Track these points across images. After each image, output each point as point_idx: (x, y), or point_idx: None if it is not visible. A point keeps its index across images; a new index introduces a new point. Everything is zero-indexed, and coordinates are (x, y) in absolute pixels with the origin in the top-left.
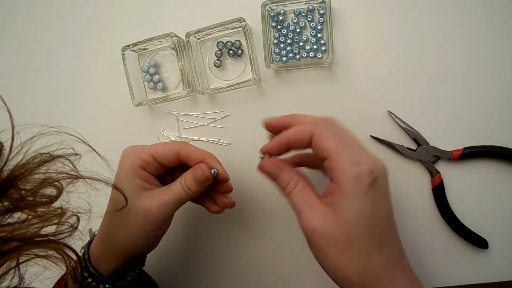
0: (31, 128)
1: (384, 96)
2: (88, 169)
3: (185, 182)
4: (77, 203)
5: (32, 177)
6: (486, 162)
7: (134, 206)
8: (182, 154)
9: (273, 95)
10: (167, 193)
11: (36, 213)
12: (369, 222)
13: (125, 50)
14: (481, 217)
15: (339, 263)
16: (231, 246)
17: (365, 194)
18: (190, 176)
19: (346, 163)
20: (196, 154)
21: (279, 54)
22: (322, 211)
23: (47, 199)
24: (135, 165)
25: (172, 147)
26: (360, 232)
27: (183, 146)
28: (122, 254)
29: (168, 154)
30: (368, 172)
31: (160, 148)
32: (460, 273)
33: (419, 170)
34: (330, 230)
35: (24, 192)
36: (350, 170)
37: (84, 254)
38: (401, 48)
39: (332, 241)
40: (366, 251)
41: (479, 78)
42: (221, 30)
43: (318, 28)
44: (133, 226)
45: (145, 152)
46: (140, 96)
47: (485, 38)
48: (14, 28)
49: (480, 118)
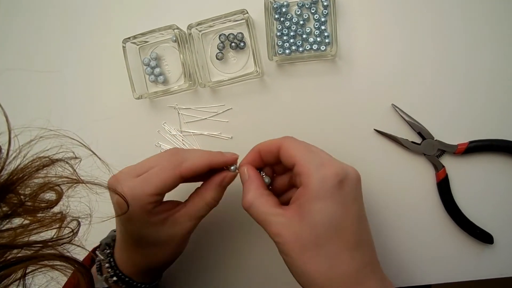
0: (29, 131)
1: (388, 89)
2: (89, 173)
3: (211, 198)
4: (77, 207)
5: (31, 182)
6: (492, 156)
7: (163, 237)
8: (186, 175)
9: (275, 88)
10: (193, 214)
11: (35, 218)
12: (337, 225)
13: (126, 43)
14: (486, 211)
15: (306, 266)
16: (231, 243)
17: (331, 197)
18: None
19: (312, 166)
20: (202, 168)
21: (282, 47)
22: (287, 217)
23: (47, 203)
24: (146, 210)
25: (171, 175)
26: (327, 234)
27: (182, 167)
28: (157, 271)
29: (171, 184)
30: (334, 174)
31: (159, 182)
32: (464, 269)
33: (424, 164)
34: (296, 233)
35: (23, 197)
36: (316, 172)
37: (118, 274)
38: (406, 40)
39: (299, 244)
40: (333, 254)
41: (484, 71)
42: (223, 22)
43: (322, 20)
44: (172, 249)
45: (150, 195)
46: (141, 89)
47: (491, 31)
48: (12, 27)
49: (486, 111)
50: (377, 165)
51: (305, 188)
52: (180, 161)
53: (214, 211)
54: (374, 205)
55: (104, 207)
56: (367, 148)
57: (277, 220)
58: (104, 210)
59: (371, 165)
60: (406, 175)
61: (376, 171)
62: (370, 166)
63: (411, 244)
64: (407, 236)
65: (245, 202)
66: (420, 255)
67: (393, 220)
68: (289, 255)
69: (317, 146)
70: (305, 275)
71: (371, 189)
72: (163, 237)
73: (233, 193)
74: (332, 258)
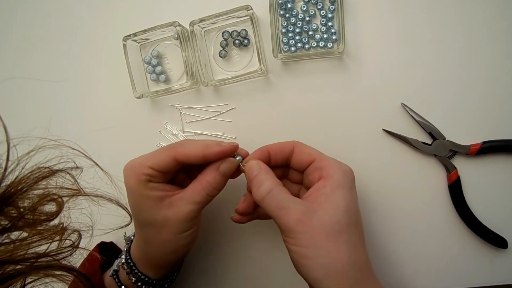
0: (28, 141)
1: (398, 88)
2: (90, 183)
3: (208, 183)
4: (78, 219)
5: (31, 193)
6: (506, 157)
7: (159, 217)
8: (181, 160)
9: (280, 87)
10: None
11: (35, 231)
12: (355, 214)
13: (127, 40)
14: (500, 215)
15: (331, 255)
16: (235, 241)
17: (352, 188)
18: (212, 174)
19: (331, 161)
20: (196, 155)
21: (287, 44)
22: (307, 205)
23: (47, 216)
24: (142, 181)
25: (166, 155)
26: (349, 221)
27: (177, 150)
28: (168, 261)
29: (166, 163)
30: (350, 170)
31: (155, 158)
32: (477, 274)
33: (435, 165)
34: (321, 220)
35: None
36: (338, 166)
37: (128, 261)
38: (416, 37)
39: (324, 231)
40: (354, 242)
41: (498, 69)
42: (226, 18)
43: (329, 17)
44: (168, 234)
45: (145, 167)
46: (142, 88)
47: (506, 27)
48: (12, 26)
49: (499, 111)
50: (386, 167)
51: (328, 179)
52: (177, 146)
53: (217, 213)
54: (382, 208)
55: (106, 218)
56: (376, 148)
57: (298, 207)
58: (106, 222)
59: (379, 166)
60: (416, 177)
61: (385, 172)
62: (378, 167)
63: (422, 248)
64: (417, 240)
65: (262, 191)
66: (431, 260)
67: (403, 224)
68: (311, 244)
69: (324, 146)
70: (328, 265)
71: (380, 191)
72: (158, 217)
73: (237, 189)
74: (353, 246)
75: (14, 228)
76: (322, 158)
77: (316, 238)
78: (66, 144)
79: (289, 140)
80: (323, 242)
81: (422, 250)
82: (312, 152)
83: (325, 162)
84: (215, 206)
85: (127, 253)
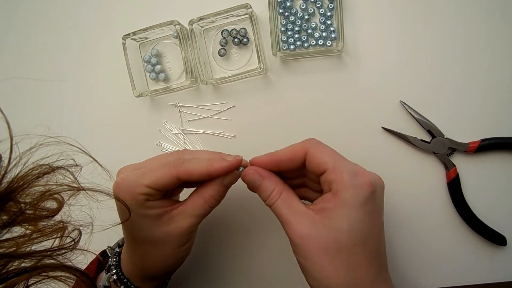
0: (30, 138)
1: (397, 86)
2: (90, 180)
3: (211, 196)
4: (78, 216)
5: (32, 190)
6: (504, 155)
7: (160, 234)
8: (184, 178)
9: (280, 85)
10: (191, 212)
11: (36, 228)
12: (362, 234)
13: (126, 39)
14: (499, 212)
15: (325, 271)
16: (237, 242)
17: (363, 206)
18: (215, 188)
19: (345, 174)
20: (200, 173)
21: (286, 42)
22: (310, 218)
23: (48, 212)
24: (139, 201)
25: (167, 173)
26: (351, 242)
27: (180, 169)
28: (166, 274)
29: (166, 182)
30: (368, 183)
31: (154, 176)
32: (477, 272)
33: (434, 163)
34: (319, 236)
35: (23, 206)
36: (350, 181)
37: (121, 277)
38: (415, 34)
39: (321, 247)
40: (355, 263)
41: (497, 66)
42: (226, 17)
43: (328, 15)
44: (168, 249)
45: (142, 186)
46: (141, 87)
47: (505, 25)
48: (10, 27)
49: (498, 108)
50: (385, 164)
51: (336, 196)
52: (180, 162)
53: (221, 216)
54: None
55: (105, 215)
56: (375, 146)
57: (302, 221)
58: (105, 218)
59: (378, 164)
60: (415, 175)
61: (384, 170)
62: (377, 165)
63: (421, 246)
64: (416, 237)
65: (273, 196)
66: (430, 257)
67: (402, 221)
68: (308, 258)
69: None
70: (323, 280)
71: None
72: (158, 233)
73: (238, 190)
74: (352, 267)
75: (14, 223)
76: (335, 171)
77: (312, 252)
78: (65, 141)
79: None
80: (319, 258)
81: (421, 247)
82: (326, 159)
83: (336, 175)
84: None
85: (118, 268)
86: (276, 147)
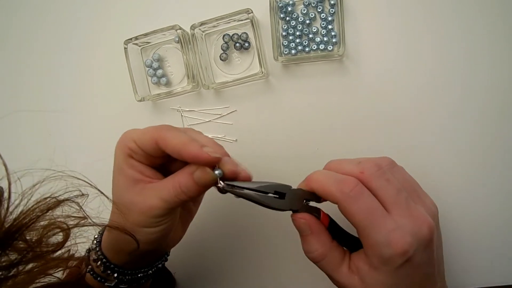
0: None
1: (398, 91)
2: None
3: (179, 184)
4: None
5: (38, 225)
6: None
7: (127, 199)
8: (161, 146)
9: (281, 90)
10: (159, 193)
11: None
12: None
13: (128, 44)
14: None
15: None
16: (247, 242)
17: (395, 272)
18: (185, 177)
19: (375, 243)
20: (173, 147)
21: (287, 47)
22: (349, 279)
23: (54, 246)
24: (124, 153)
25: (150, 134)
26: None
27: (160, 134)
28: (128, 249)
29: (147, 143)
30: (401, 254)
31: (141, 133)
32: (477, 274)
33: None
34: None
35: (31, 243)
36: (380, 251)
37: (96, 248)
38: (416, 39)
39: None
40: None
41: (499, 70)
42: (227, 22)
43: (329, 20)
44: (131, 223)
45: (130, 140)
46: (143, 91)
47: (507, 29)
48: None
49: (499, 108)
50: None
51: (367, 257)
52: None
53: (225, 219)
54: None
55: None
56: (377, 151)
57: (344, 281)
58: None
59: None
60: None
61: None
62: None
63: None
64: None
65: (315, 256)
66: None
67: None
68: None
69: (324, 149)
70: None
71: None
72: (125, 199)
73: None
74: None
75: (23, 261)
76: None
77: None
78: (71, 175)
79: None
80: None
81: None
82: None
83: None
84: (215, 206)
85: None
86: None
